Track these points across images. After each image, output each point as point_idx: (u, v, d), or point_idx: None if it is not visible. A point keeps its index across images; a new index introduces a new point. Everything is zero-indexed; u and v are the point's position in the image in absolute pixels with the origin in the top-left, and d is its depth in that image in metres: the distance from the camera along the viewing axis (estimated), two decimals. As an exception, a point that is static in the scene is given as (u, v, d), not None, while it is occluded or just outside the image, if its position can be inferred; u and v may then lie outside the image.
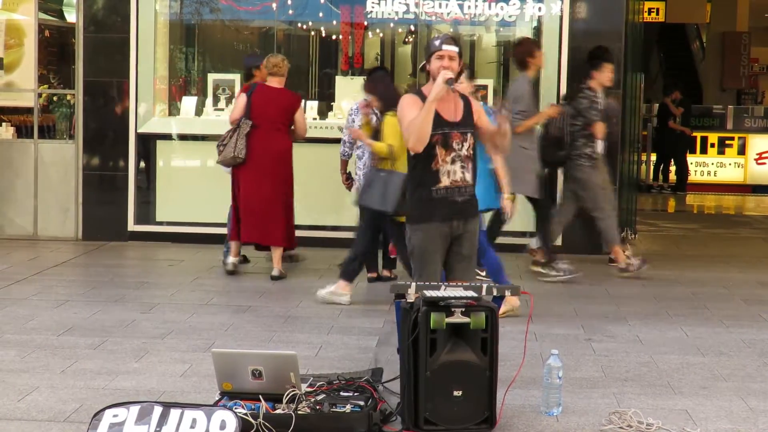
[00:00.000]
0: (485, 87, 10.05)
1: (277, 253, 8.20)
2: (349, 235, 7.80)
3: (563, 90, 9.62)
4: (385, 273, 8.21)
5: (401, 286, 4.58)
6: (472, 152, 4.98)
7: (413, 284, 4.56)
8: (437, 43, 4.93)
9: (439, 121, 4.89)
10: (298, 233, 8.62)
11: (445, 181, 4.92)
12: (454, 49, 4.91)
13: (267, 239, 8.16)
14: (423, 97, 4.91)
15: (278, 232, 8.10)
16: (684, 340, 6.37)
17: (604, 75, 8.30)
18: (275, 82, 8.09)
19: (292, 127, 8.24)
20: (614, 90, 9.66)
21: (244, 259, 8.73)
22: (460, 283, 4.70)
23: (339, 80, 10.50)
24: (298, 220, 8.67)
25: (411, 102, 4.95)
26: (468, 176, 4.97)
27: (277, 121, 8.09)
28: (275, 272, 8.12)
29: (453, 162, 4.93)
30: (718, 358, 5.91)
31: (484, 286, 4.57)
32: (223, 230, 8.80)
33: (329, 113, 10.20)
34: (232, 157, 8.02)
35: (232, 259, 8.30)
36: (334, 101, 10.08)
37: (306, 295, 7.56)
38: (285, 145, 8.17)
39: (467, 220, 5.02)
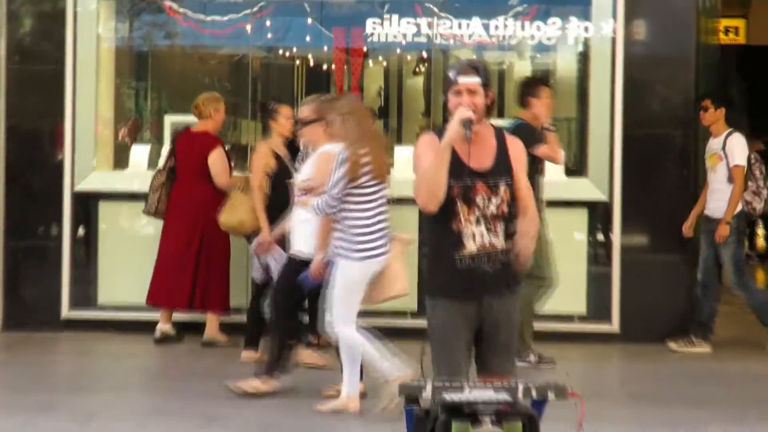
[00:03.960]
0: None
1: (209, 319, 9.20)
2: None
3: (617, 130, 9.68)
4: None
5: (413, 387, 4.52)
6: (506, 210, 4.97)
7: (428, 385, 4.50)
8: (452, 74, 4.95)
9: (459, 167, 4.88)
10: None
11: (470, 246, 4.93)
12: (474, 80, 4.90)
13: (171, 302, 9.16)
14: (440, 135, 4.93)
15: (183, 294, 9.03)
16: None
17: None
18: (198, 126, 9.23)
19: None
20: (683, 131, 9.78)
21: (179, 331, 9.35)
22: (489, 383, 4.66)
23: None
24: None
25: (427, 145, 4.97)
26: (497, 241, 4.95)
27: (194, 169, 9.12)
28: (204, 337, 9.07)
29: (478, 222, 4.94)
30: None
31: (521, 386, 4.51)
32: (183, 315, 9.13)
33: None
34: (144, 210, 9.29)
35: (161, 326, 9.17)
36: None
37: (288, 398, 7.46)
38: (202, 195, 9.05)
39: (501, 297, 5.00)
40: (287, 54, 11.54)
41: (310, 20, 10.63)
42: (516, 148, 5.06)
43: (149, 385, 7.88)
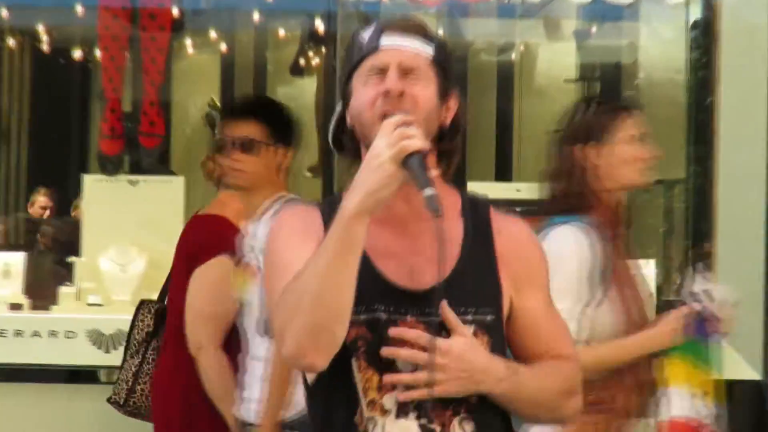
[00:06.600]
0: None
1: None
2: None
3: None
4: None
5: None
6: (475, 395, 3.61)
7: None
8: (367, 34, 3.51)
9: (371, 281, 3.45)
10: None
11: None
12: (417, 45, 3.39)
13: None
14: (332, 213, 3.61)
15: None
16: None
17: None
18: (211, 206, 7.09)
19: None
20: None
21: None
22: None
23: (87, 179, 8.86)
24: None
25: (294, 227, 3.63)
26: None
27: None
28: None
29: (403, 410, 3.46)
30: None
31: None
32: None
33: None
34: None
35: None
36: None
37: None
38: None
39: None
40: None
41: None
42: (520, 242, 3.56)
43: None
